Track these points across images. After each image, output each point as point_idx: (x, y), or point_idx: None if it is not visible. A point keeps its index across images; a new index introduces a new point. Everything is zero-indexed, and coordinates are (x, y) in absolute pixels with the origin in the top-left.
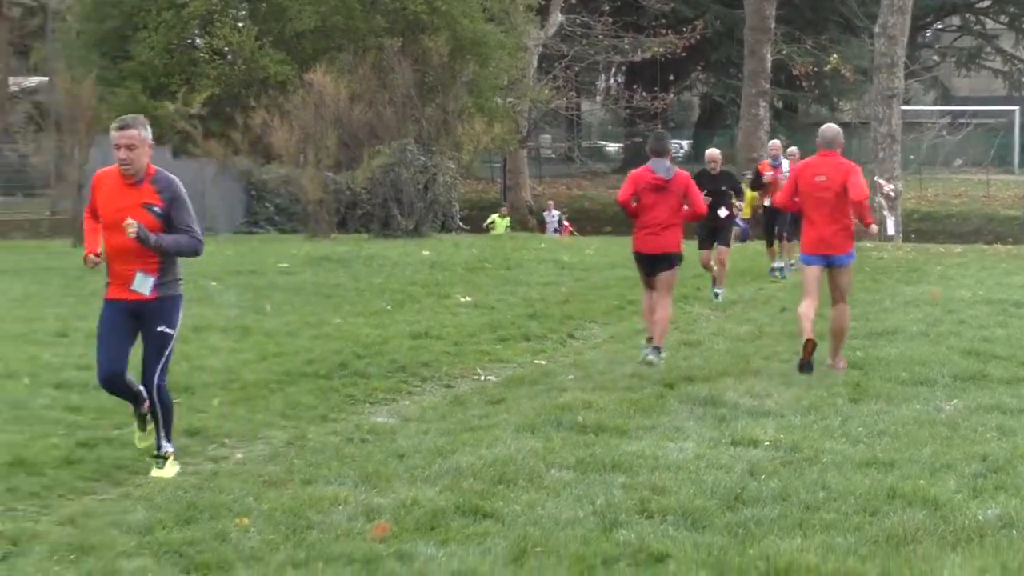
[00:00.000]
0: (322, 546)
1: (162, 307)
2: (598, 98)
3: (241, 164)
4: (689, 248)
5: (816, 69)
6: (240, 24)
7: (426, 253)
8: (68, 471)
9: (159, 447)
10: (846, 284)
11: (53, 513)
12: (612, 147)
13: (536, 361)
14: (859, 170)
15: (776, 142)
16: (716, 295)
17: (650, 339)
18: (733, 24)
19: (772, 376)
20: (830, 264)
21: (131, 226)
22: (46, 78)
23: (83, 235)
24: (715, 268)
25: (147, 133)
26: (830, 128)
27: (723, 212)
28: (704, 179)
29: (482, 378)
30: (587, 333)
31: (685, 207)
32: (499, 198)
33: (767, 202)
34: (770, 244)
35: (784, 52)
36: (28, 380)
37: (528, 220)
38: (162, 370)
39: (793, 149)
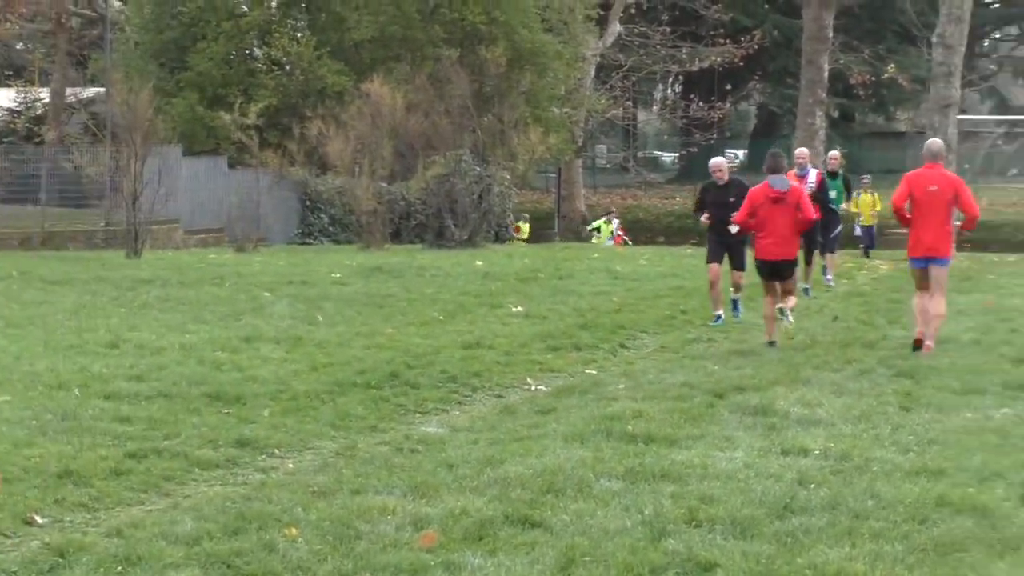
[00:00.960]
0: (370, 556)
1: None
2: (654, 108)
3: (296, 174)
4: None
5: (873, 78)
6: (299, 34)
7: (479, 263)
8: (116, 482)
9: None
10: (943, 281)
11: (101, 524)
12: (667, 157)
13: (587, 371)
14: (965, 184)
15: (804, 150)
16: (718, 318)
17: (781, 309)
18: (791, 34)
19: (823, 385)
20: (931, 264)
21: None
22: (103, 89)
23: None
24: (731, 290)
25: None
26: (936, 142)
27: (734, 228)
28: (710, 191)
29: (532, 388)
30: (638, 343)
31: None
32: (553, 208)
33: None
34: (808, 262)
35: (842, 61)
36: (78, 391)
37: (582, 231)
38: None
39: (834, 152)
